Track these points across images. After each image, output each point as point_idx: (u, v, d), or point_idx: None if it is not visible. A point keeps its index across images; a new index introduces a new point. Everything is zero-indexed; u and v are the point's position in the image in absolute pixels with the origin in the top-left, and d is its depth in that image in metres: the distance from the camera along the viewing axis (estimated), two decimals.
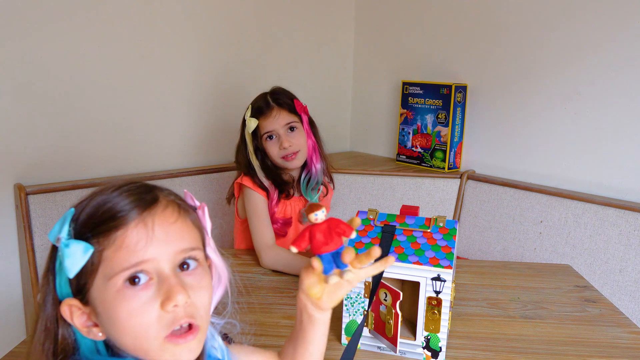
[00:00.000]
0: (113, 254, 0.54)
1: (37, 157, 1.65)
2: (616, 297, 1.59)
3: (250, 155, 1.46)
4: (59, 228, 0.56)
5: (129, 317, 0.53)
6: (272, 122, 1.45)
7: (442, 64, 2.14)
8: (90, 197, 0.57)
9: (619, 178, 1.70)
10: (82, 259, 0.53)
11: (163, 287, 0.54)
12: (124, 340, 0.55)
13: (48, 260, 0.58)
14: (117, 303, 0.53)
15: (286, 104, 1.47)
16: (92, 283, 0.54)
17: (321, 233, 0.62)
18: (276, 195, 1.46)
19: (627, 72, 1.66)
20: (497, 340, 1.02)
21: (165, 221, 0.56)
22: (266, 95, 1.49)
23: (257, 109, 1.46)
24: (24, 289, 1.66)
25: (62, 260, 0.54)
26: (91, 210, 0.56)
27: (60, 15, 1.64)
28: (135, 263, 0.54)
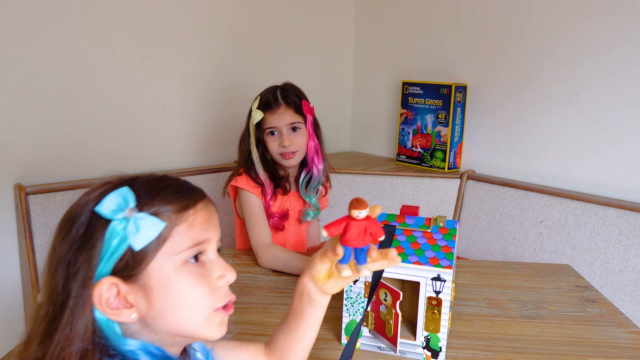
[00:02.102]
0: (184, 231, 0.58)
1: (37, 157, 1.65)
2: (616, 297, 1.59)
3: (252, 145, 1.47)
4: (120, 202, 0.56)
5: (192, 289, 0.58)
6: (277, 119, 1.45)
7: (442, 64, 2.14)
8: (148, 178, 0.60)
9: (619, 178, 1.70)
10: (153, 233, 0.56)
11: (216, 265, 0.61)
12: (173, 315, 0.57)
13: (82, 238, 0.56)
14: (183, 276, 0.57)
15: (293, 103, 1.47)
16: (153, 258, 0.56)
17: (357, 229, 0.64)
18: (271, 190, 1.47)
19: (627, 73, 1.66)
20: (497, 340, 1.02)
21: (214, 210, 0.63)
22: (276, 90, 1.49)
23: (264, 103, 1.47)
24: (24, 289, 1.66)
25: (125, 234, 0.55)
26: (163, 187, 0.59)
27: (60, 16, 1.64)
28: (202, 241, 0.59)
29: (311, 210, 1.56)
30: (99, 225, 0.56)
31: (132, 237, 0.55)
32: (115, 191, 0.56)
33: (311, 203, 1.55)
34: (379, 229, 0.65)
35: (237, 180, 1.47)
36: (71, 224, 0.57)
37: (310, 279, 0.70)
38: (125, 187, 0.57)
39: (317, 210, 1.57)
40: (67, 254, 0.56)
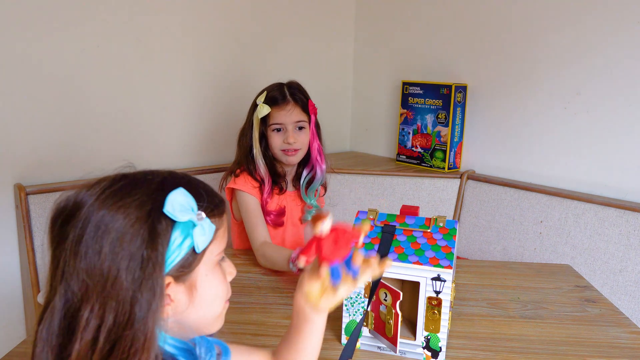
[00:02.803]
0: (222, 234, 0.62)
1: (37, 157, 1.65)
2: (616, 297, 1.59)
3: (254, 140, 1.47)
4: (188, 205, 0.56)
5: (220, 285, 0.63)
6: (284, 116, 1.45)
7: (442, 64, 2.14)
8: (189, 180, 0.61)
9: (619, 178, 1.70)
10: (211, 235, 0.59)
11: (226, 263, 0.66)
12: (202, 310, 0.61)
13: (154, 241, 0.54)
14: (216, 275, 0.62)
15: (301, 101, 1.48)
16: (202, 258, 0.59)
17: (329, 243, 0.62)
18: (269, 187, 1.47)
19: (627, 72, 1.66)
20: (497, 340, 1.02)
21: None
22: (283, 87, 1.49)
23: (272, 98, 1.46)
24: (24, 289, 1.66)
25: (191, 235, 0.56)
26: (206, 192, 0.61)
27: (60, 16, 1.64)
28: (226, 243, 0.63)
29: (312, 211, 1.56)
30: (164, 227, 0.55)
31: (197, 239, 0.57)
32: (180, 193, 0.56)
33: (311, 204, 1.55)
34: (351, 234, 0.63)
35: (235, 181, 1.47)
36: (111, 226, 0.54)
37: (303, 297, 0.69)
38: (182, 188, 0.57)
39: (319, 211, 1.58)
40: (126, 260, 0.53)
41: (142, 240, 0.54)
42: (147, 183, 0.58)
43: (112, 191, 0.56)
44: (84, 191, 0.57)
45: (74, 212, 0.56)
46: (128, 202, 0.55)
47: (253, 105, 1.49)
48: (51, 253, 0.60)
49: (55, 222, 0.59)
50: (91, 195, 0.56)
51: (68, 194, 0.58)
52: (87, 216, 0.55)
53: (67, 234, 0.56)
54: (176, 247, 0.56)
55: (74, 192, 0.58)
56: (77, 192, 0.58)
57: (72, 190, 0.59)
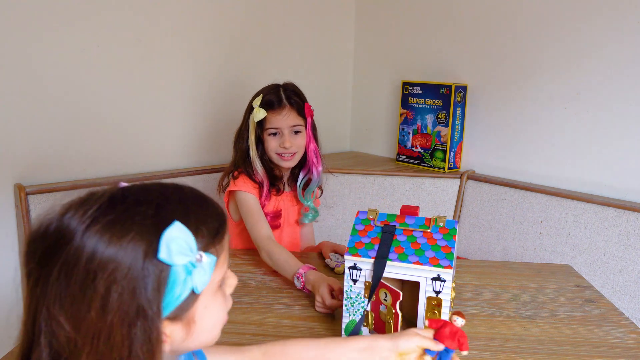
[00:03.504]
0: (223, 259, 0.57)
1: (37, 157, 1.65)
2: (616, 297, 1.59)
3: (251, 144, 1.46)
4: (186, 246, 0.51)
5: (221, 311, 0.58)
6: (280, 120, 1.44)
7: (442, 64, 2.14)
8: (180, 200, 0.55)
9: (619, 178, 1.70)
10: (212, 269, 0.54)
11: (228, 275, 0.60)
12: (203, 336, 0.57)
13: (150, 289, 0.49)
14: (217, 301, 0.57)
15: (296, 104, 1.46)
16: (201, 294, 0.54)
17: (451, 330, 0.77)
18: (267, 189, 1.46)
19: (627, 72, 1.66)
20: (497, 340, 1.02)
21: None
22: (279, 89, 1.48)
23: (268, 101, 1.45)
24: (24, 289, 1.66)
25: (190, 278, 0.51)
26: (208, 216, 0.55)
27: (60, 16, 1.64)
28: (228, 264, 0.59)
29: (310, 213, 1.56)
30: (160, 272, 0.50)
31: (197, 281, 0.52)
32: (176, 230, 0.51)
33: (308, 206, 1.54)
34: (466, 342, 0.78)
35: (235, 183, 1.46)
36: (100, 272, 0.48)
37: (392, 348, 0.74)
38: (178, 223, 0.51)
39: (316, 212, 1.57)
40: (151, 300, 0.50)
41: (137, 288, 0.49)
42: (141, 215, 0.51)
43: (105, 223, 0.50)
44: (70, 214, 0.51)
45: (59, 244, 0.50)
46: (122, 242, 0.49)
47: (249, 108, 1.48)
48: (28, 290, 0.53)
49: (34, 251, 0.51)
50: (80, 223, 0.50)
51: (50, 217, 0.52)
52: (77, 254, 0.49)
53: (49, 271, 0.50)
54: (174, 292, 0.51)
55: (56, 213, 0.52)
56: (61, 215, 0.51)
57: (52, 211, 0.53)
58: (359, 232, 0.98)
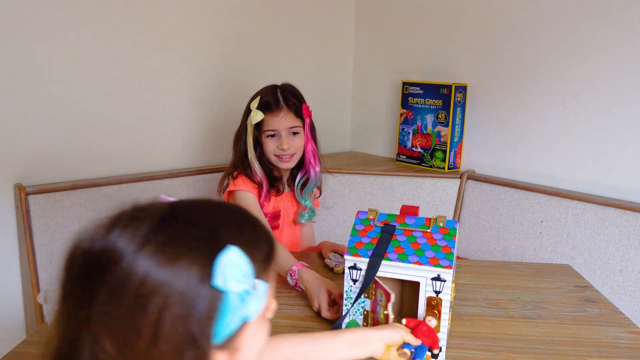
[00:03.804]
0: (272, 283, 0.55)
1: (37, 157, 1.65)
2: (616, 297, 1.59)
3: (249, 145, 1.46)
4: (242, 272, 0.49)
5: (264, 336, 0.56)
6: (277, 122, 1.44)
7: (442, 64, 2.14)
8: (239, 229, 0.52)
9: (619, 178, 1.70)
10: (264, 298, 0.52)
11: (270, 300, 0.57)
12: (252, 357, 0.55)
13: (208, 311, 0.47)
14: (262, 327, 0.55)
15: (294, 106, 1.46)
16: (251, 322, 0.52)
17: (427, 331, 0.88)
18: (266, 189, 1.47)
19: (627, 72, 1.66)
20: (497, 340, 1.02)
21: None
22: (276, 91, 1.47)
23: (265, 103, 1.45)
24: (24, 289, 1.66)
25: (242, 305, 0.49)
26: (258, 241, 0.53)
27: (60, 16, 1.64)
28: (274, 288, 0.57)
29: (306, 213, 1.56)
30: (215, 299, 0.48)
31: (251, 309, 0.50)
32: (232, 255, 0.48)
33: (306, 205, 1.55)
34: (437, 341, 0.88)
35: (235, 183, 1.46)
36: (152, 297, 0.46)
37: (382, 339, 0.80)
38: (234, 247, 0.49)
39: (312, 212, 1.57)
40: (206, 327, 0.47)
41: (190, 315, 0.47)
42: (194, 237, 0.49)
43: (157, 244, 0.47)
44: (117, 233, 0.48)
45: (106, 265, 0.47)
46: (176, 265, 0.47)
47: (247, 110, 1.48)
48: (65, 309, 0.50)
49: (75, 270, 0.49)
50: (130, 244, 0.47)
51: (92, 234, 0.49)
52: (127, 276, 0.46)
53: (94, 293, 0.47)
54: (226, 320, 0.49)
55: (99, 230, 0.49)
56: (106, 233, 0.48)
57: (93, 226, 0.50)
58: (359, 232, 0.98)
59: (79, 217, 1.65)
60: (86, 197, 1.67)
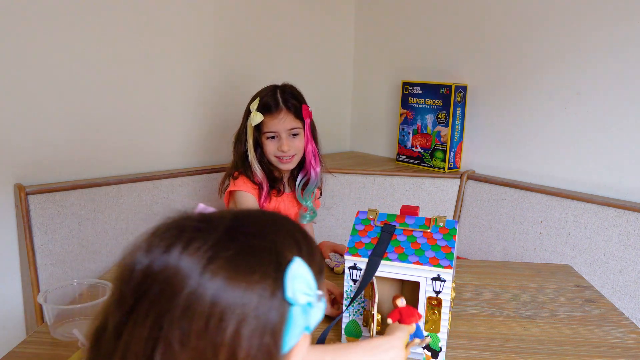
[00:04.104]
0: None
1: (37, 157, 1.65)
2: (616, 297, 1.59)
3: (249, 147, 1.46)
4: (308, 284, 0.49)
5: (308, 345, 0.55)
6: (277, 124, 1.44)
7: (442, 64, 2.14)
8: (297, 241, 0.52)
9: (619, 178, 1.70)
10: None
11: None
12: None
13: (280, 325, 0.47)
14: (308, 338, 0.54)
15: (294, 107, 1.45)
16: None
17: (407, 312, 0.88)
18: (266, 190, 1.46)
19: (627, 72, 1.66)
20: (497, 340, 1.02)
21: None
22: (276, 92, 1.47)
23: (264, 105, 1.44)
24: (24, 289, 1.66)
25: (307, 318, 0.49)
26: (313, 252, 0.53)
27: (60, 15, 1.64)
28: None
29: (307, 214, 1.55)
30: (283, 313, 0.48)
31: (312, 320, 0.50)
32: (299, 268, 0.48)
33: (307, 206, 1.54)
34: (416, 312, 0.89)
35: (235, 183, 1.46)
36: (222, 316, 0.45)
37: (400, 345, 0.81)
38: (298, 259, 0.49)
39: (314, 213, 1.56)
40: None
41: (265, 330, 0.46)
42: (260, 251, 0.48)
43: (225, 261, 0.46)
44: (178, 250, 0.46)
45: (172, 285, 0.45)
46: (248, 281, 0.46)
47: (247, 111, 1.48)
48: (127, 330, 0.47)
49: (134, 288, 0.47)
50: (196, 262, 0.46)
51: (150, 250, 0.47)
52: (198, 296, 0.45)
53: (161, 314, 0.45)
54: (293, 332, 0.49)
55: (158, 247, 0.47)
56: (165, 250, 0.46)
57: (144, 241, 0.48)
58: (359, 232, 0.98)
59: (79, 217, 1.65)
60: (86, 197, 1.67)
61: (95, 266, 1.69)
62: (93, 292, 1.08)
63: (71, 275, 1.64)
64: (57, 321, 1.01)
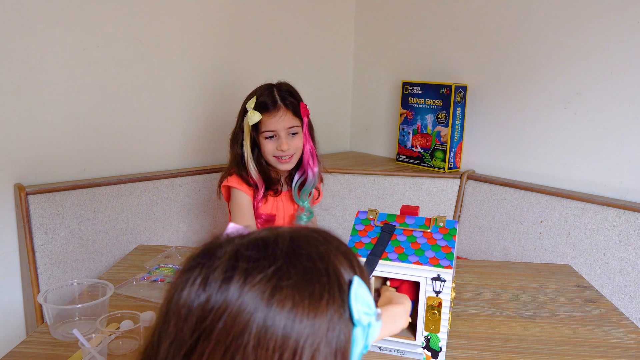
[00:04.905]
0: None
1: (37, 157, 1.66)
2: (616, 297, 1.59)
3: (246, 147, 1.43)
4: (368, 303, 0.48)
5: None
6: (276, 123, 1.41)
7: (442, 64, 2.14)
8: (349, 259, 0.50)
9: (619, 178, 1.70)
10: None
11: None
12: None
13: (346, 346, 0.47)
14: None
15: (292, 105, 1.43)
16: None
17: (408, 286, 0.93)
18: (262, 191, 1.44)
19: (627, 72, 1.66)
20: (497, 340, 1.02)
21: None
22: (273, 90, 1.44)
23: (262, 104, 1.41)
24: (24, 289, 1.66)
25: (366, 338, 0.49)
26: (360, 266, 0.51)
27: (60, 16, 1.64)
28: None
29: (304, 215, 1.52)
30: (348, 334, 0.47)
31: (370, 339, 0.49)
32: (359, 287, 0.47)
33: (304, 207, 1.52)
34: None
35: (229, 180, 1.45)
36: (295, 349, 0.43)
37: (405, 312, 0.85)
38: (357, 279, 0.48)
39: (311, 214, 1.54)
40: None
41: (336, 350, 0.45)
42: (320, 274, 0.46)
43: (290, 291, 0.44)
44: (238, 283, 0.44)
45: (238, 320, 0.43)
46: (317, 309, 0.44)
47: (243, 110, 1.44)
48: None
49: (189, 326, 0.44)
50: (258, 295, 0.43)
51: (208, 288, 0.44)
52: (266, 331, 0.43)
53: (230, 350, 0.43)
54: (355, 353, 0.48)
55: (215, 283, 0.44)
56: (223, 284, 0.44)
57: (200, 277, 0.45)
58: (359, 232, 0.98)
59: (79, 217, 1.65)
60: (86, 197, 1.67)
61: (95, 266, 1.69)
62: (93, 292, 1.08)
63: (71, 275, 1.64)
64: (57, 321, 1.02)
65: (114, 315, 1.00)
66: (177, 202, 1.89)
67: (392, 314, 0.82)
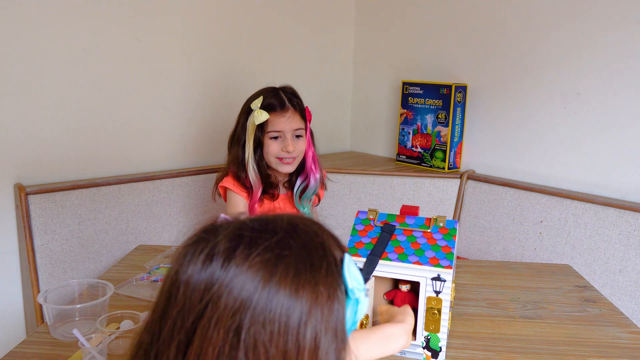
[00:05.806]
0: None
1: (37, 157, 1.66)
2: (616, 297, 1.59)
3: (247, 147, 1.41)
4: (358, 277, 0.50)
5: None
6: (284, 123, 1.40)
7: (442, 64, 2.14)
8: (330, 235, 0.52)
9: (619, 178, 1.70)
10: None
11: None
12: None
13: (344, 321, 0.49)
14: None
15: (299, 107, 1.43)
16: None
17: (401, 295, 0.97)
18: (259, 193, 1.43)
19: (626, 72, 1.66)
20: (497, 340, 1.02)
21: None
22: (279, 92, 1.43)
23: (270, 104, 1.40)
24: (24, 289, 1.66)
25: (355, 314, 0.51)
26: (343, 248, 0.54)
27: (59, 15, 1.64)
28: None
29: None
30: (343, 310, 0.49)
31: (359, 315, 0.51)
32: (351, 261, 0.50)
33: (303, 212, 1.50)
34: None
35: (225, 180, 1.44)
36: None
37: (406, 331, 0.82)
38: (347, 255, 0.51)
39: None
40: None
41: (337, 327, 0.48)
42: (315, 247, 0.49)
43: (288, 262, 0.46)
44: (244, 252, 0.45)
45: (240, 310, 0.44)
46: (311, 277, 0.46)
47: (246, 110, 1.43)
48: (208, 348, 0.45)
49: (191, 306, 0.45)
50: (256, 278, 0.44)
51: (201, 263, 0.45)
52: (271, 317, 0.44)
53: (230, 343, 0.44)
54: (350, 325, 0.50)
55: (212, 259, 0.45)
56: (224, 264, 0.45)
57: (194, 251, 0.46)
58: (359, 232, 0.98)
59: (79, 217, 1.65)
60: (86, 197, 1.67)
61: (95, 266, 1.69)
62: (93, 292, 1.08)
63: (71, 275, 1.64)
64: (57, 321, 1.02)
65: (114, 315, 1.00)
66: (177, 202, 1.89)
67: (387, 334, 0.78)
